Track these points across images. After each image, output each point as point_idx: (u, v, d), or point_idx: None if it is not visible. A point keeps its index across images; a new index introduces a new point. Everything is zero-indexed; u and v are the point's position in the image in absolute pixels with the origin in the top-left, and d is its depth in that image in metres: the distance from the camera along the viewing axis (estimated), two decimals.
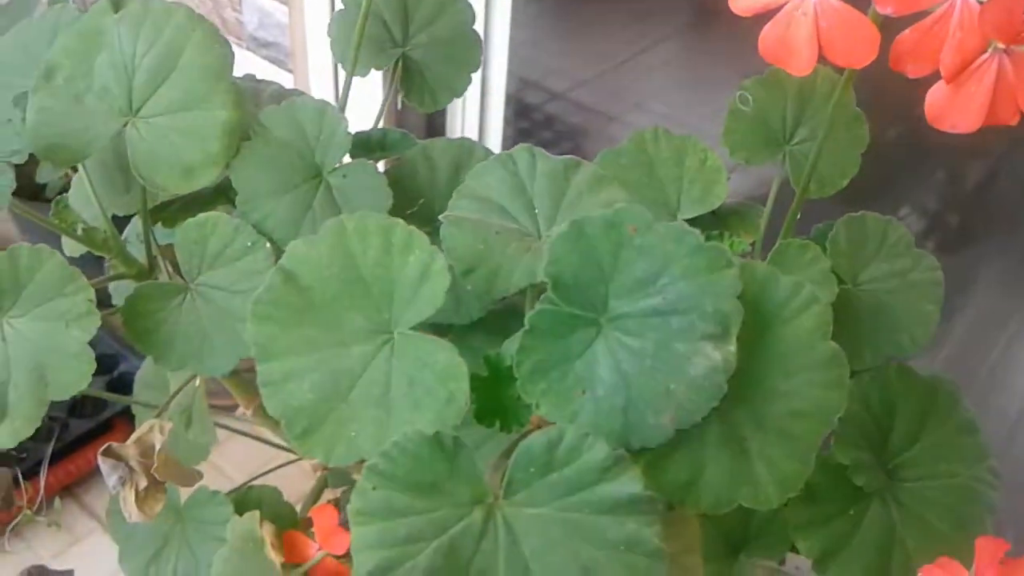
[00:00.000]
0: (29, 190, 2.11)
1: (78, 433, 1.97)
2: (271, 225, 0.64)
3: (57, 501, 1.88)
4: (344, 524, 0.87)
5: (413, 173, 0.69)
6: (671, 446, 0.46)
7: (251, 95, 0.72)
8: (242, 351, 0.63)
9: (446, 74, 0.75)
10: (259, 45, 1.64)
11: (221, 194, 0.75)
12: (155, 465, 0.63)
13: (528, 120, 1.53)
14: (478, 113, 1.47)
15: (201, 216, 0.63)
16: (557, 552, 0.43)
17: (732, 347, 0.45)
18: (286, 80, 1.59)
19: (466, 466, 0.45)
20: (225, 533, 0.89)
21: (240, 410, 0.77)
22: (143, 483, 0.66)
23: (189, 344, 0.63)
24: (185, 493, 0.85)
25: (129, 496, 0.66)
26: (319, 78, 1.53)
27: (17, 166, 2.09)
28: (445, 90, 0.76)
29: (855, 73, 0.53)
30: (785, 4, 0.42)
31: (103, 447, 0.65)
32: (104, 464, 0.65)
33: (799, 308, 0.49)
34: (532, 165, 0.58)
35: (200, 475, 0.73)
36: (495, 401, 0.48)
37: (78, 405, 1.89)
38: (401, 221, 0.49)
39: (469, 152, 0.71)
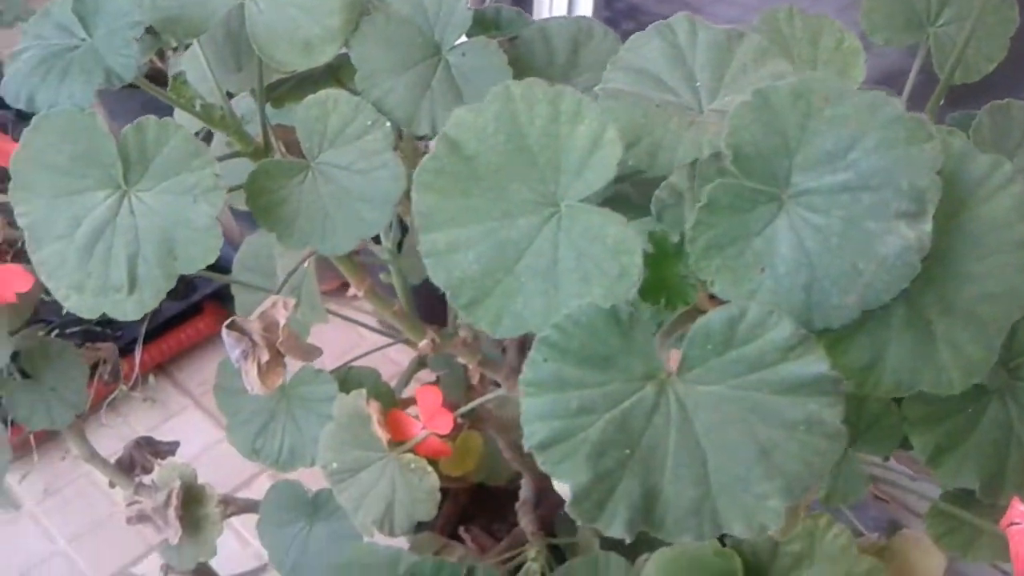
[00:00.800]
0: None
1: (170, 314, 2.04)
2: (390, 103, 0.63)
3: (151, 378, 1.97)
4: (446, 405, 0.88)
5: (530, 52, 0.67)
6: (853, 327, 0.44)
7: None
8: (363, 230, 0.63)
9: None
10: None
11: (332, 74, 0.74)
12: (280, 339, 0.65)
13: (610, 10, 1.48)
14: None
15: (322, 93, 0.62)
16: (731, 430, 0.43)
17: (928, 226, 0.43)
18: None
19: (641, 341, 0.44)
20: (329, 410, 0.92)
21: (351, 291, 0.78)
22: (265, 357, 0.68)
23: (311, 222, 0.63)
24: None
25: (251, 369, 0.68)
26: None
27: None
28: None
29: None
30: None
31: (228, 321, 0.66)
32: (228, 337, 0.66)
33: (997, 187, 0.46)
34: (692, 35, 0.55)
35: (320, 351, 0.74)
36: (660, 278, 0.47)
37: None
38: (570, 88, 0.47)
39: (588, 31, 0.68)
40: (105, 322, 1.94)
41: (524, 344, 1.19)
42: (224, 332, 0.66)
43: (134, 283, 0.60)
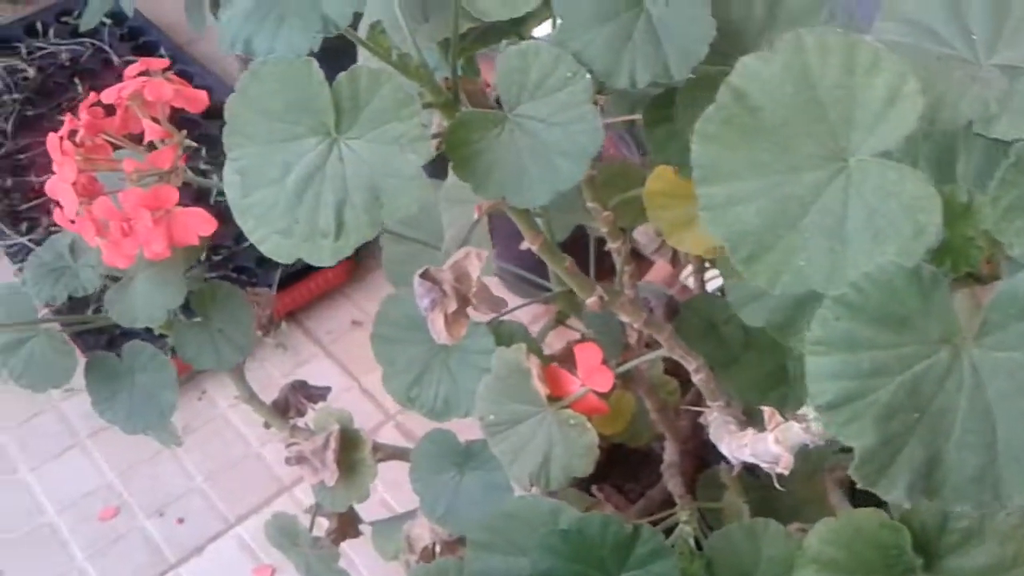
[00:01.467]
0: None
1: (303, 263, 2.09)
2: (590, 55, 0.63)
3: (284, 324, 2.04)
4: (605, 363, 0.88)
5: (725, 5, 0.65)
6: None
7: None
8: (559, 183, 0.63)
9: None
10: None
11: (515, 26, 0.74)
12: (474, 290, 0.65)
13: None
14: None
15: (523, 44, 0.62)
16: None
17: None
18: None
19: (940, 303, 0.43)
20: (485, 362, 0.93)
21: (523, 244, 0.78)
22: (452, 307, 0.69)
23: (507, 174, 0.63)
24: None
25: (438, 319, 0.69)
26: None
27: None
28: None
29: None
30: None
31: (421, 270, 0.68)
32: (420, 286, 0.68)
33: None
34: None
35: (505, 303, 0.75)
36: (945, 240, 0.46)
37: None
38: (867, 39, 0.46)
39: None
40: (239, 268, 2.00)
41: (671, 306, 1.18)
42: (416, 281, 0.67)
43: (340, 229, 0.61)
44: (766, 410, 0.64)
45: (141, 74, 0.88)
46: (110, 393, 1.06)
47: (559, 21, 0.62)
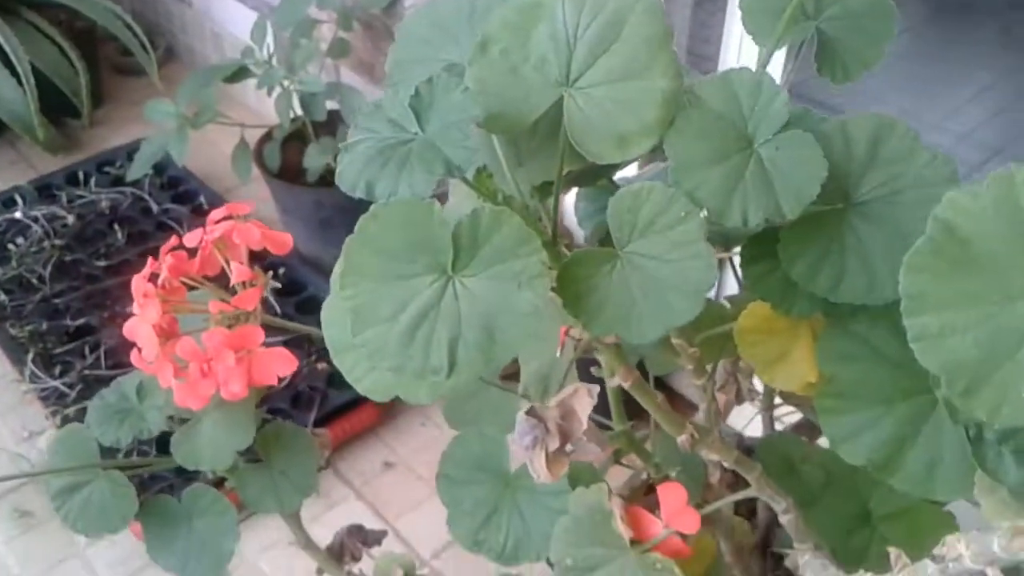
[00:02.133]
0: (292, 173, 2.21)
1: (336, 404, 2.06)
2: (703, 195, 0.63)
3: None
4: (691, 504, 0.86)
5: (828, 147, 0.67)
6: None
7: None
8: (672, 319, 0.62)
9: (859, 47, 0.72)
10: None
11: (608, 169, 0.75)
12: (583, 428, 0.64)
13: None
14: None
15: (636, 184, 0.63)
16: None
17: None
18: None
19: None
20: (556, 503, 0.90)
21: (614, 380, 0.77)
22: (554, 445, 0.67)
23: (618, 310, 0.63)
24: None
25: (539, 457, 0.67)
26: None
27: (283, 151, 2.17)
28: (857, 63, 0.73)
29: None
30: None
31: (527, 407, 0.66)
32: (524, 423, 0.66)
33: None
34: None
35: (607, 441, 0.73)
36: None
37: (334, 378, 1.99)
38: None
39: (889, 127, 0.68)
40: (274, 410, 1.98)
41: (742, 445, 1.16)
42: (520, 418, 0.66)
43: (453, 366, 0.60)
44: (892, 552, 0.61)
45: (226, 218, 0.90)
46: (168, 538, 1.03)
47: (673, 163, 0.63)
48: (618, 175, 0.81)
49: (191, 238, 0.90)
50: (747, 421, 1.17)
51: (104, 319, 2.33)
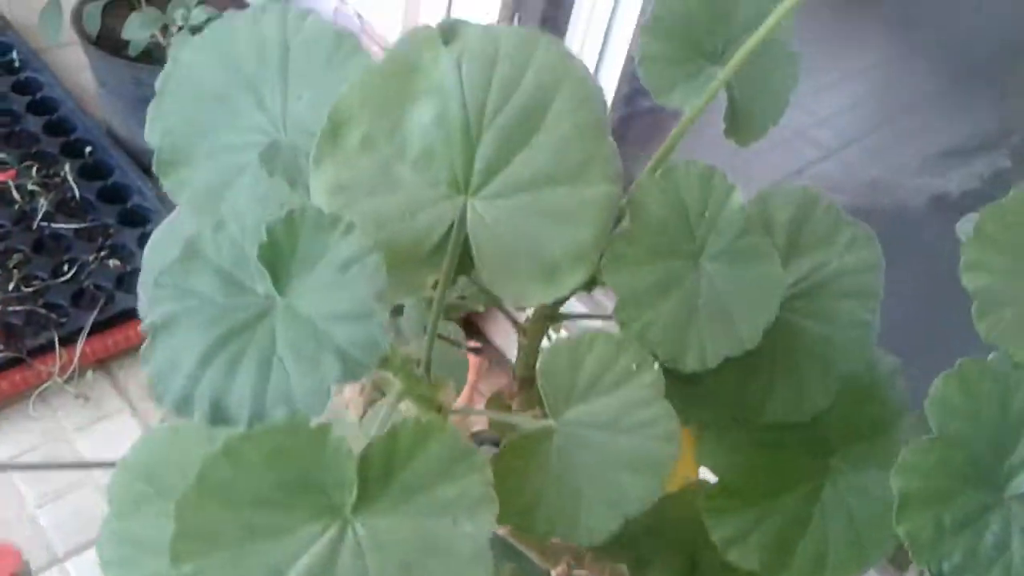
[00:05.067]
0: (111, 43, 1.81)
1: (124, 307, 1.68)
2: (655, 336, 0.46)
3: (90, 373, 1.65)
4: None
5: None
6: None
7: None
8: (626, 507, 0.46)
9: (766, 106, 0.58)
10: None
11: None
12: None
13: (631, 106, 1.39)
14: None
15: (575, 334, 0.45)
16: None
17: None
18: None
19: None
20: None
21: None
22: None
23: (558, 502, 0.45)
24: None
25: None
26: None
27: (103, 19, 1.69)
28: (764, 123, 0.58)
29: None
30: None
31: None
32: None
33: None
34: None
35: None
36: None
37: (126, 278, 1.65)
38: None
39: (812, 205, 0.56)
40: (50, 305, 1.62)
41: None
42: None
43: None
44: None
45: None
46: None
47: (619, 297, 0.46)
48: None
49: None
50: None
51: None
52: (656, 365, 0.46)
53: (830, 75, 1.37)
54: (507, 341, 1.58)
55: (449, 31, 0.43)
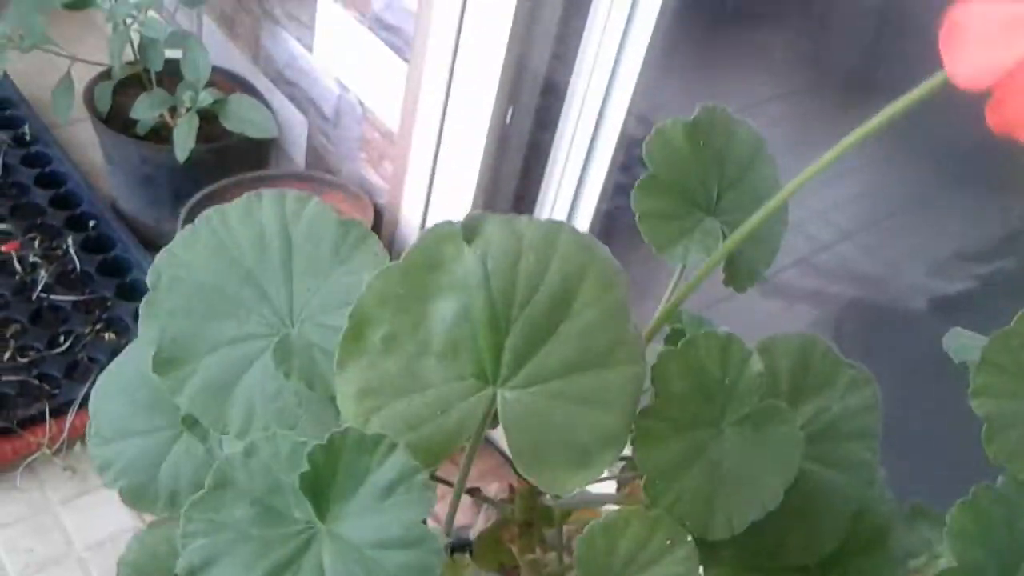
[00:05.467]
0: (121, 121, 1.82)
1: None
2: (684, 509, 0.46)
3: (79, 445, 1.63)
4: None
5: None
6: None
7: None
8: None
9: (759, 256, 0.58)
10: (382, 27, 1.47)
11: None
12: None
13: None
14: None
15: (611, 515, 0.45)
16: None
17: None
18: (400, 68, 1.44)
19: None
20: None
21: None
22: None
23: None
24: None
25: None
26: (433, 75, 1.39)
27: (113, 98, 1.72)
28: (760, 270, 0.58)
29: None
30: None
31: None
32: None
33: None
34: None
35: None
36: None
37: (120, 351, 1.59)
38: None
39: (811, 349, 0.56)
40: (44, 376, 1.62)
41: None
42: None
43: None
44: None
45: None
46: None
47: (645, 473, 0.45)
48: None
49: None
50: None
51: None
52: (689, 537, 0.46)
53: (831, 170, 1.39)
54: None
55: (471, 228, 0.43)
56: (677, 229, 0.54)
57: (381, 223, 1.64)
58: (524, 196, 1.49)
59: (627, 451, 0.47)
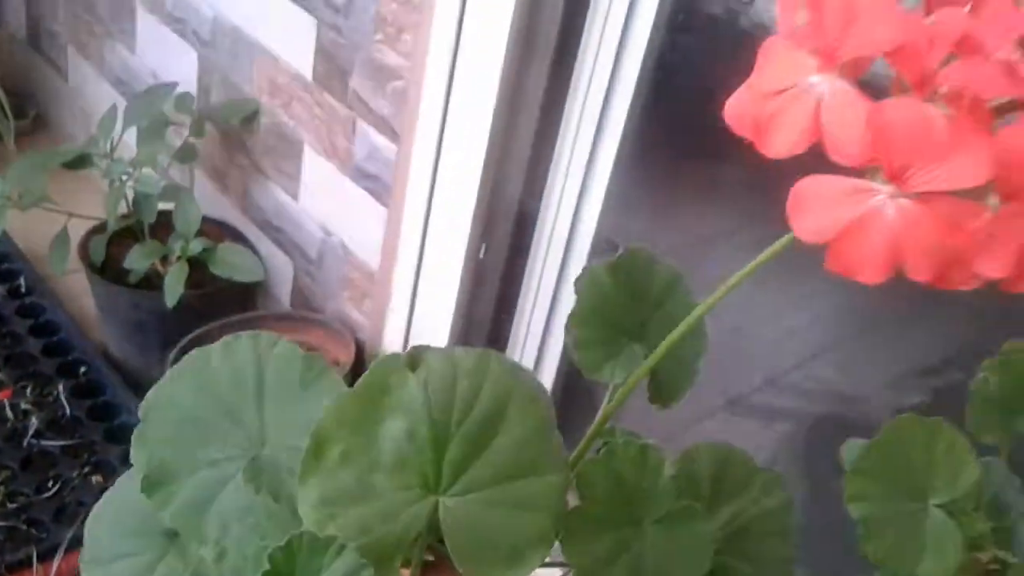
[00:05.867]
0: (114, 270, 1.90)
1: None
2: None
3: None
4: None
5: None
6: None
7: None
8: None
9: (681, 377, 0.65)
10: (362, 175, 1.59)
11: None
12: None
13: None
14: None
15: None
16: None
17: None
18: (379, 213, 1.56)
19: None
20: None
21: None
22: None
23: None
24: None
25: None
26: (411, 218, 1.51)
27: (107, 248, 1.74)
28: (682, 389, 0.66)
29: None
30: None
31: None
32: None
33: None
34: None
35: None
36: None
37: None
38: None
39: (728, 457, 0.63)
40: (32, 521, 1.62)
41: None
42: None
43: None
44: None
45: None
46: None
47: (574, 570, 0.52)
48: None
49: None
50: None
51: None
52: None
53: (801, 289, 1.49)
54: None
55: (414, 358, 0.51)
56: (604, 354, 0.62)
57: (363, 357, 1.71)
58: (499, 325, 1.57)
59: None
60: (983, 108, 0.33)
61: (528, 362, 1.51)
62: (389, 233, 1.56)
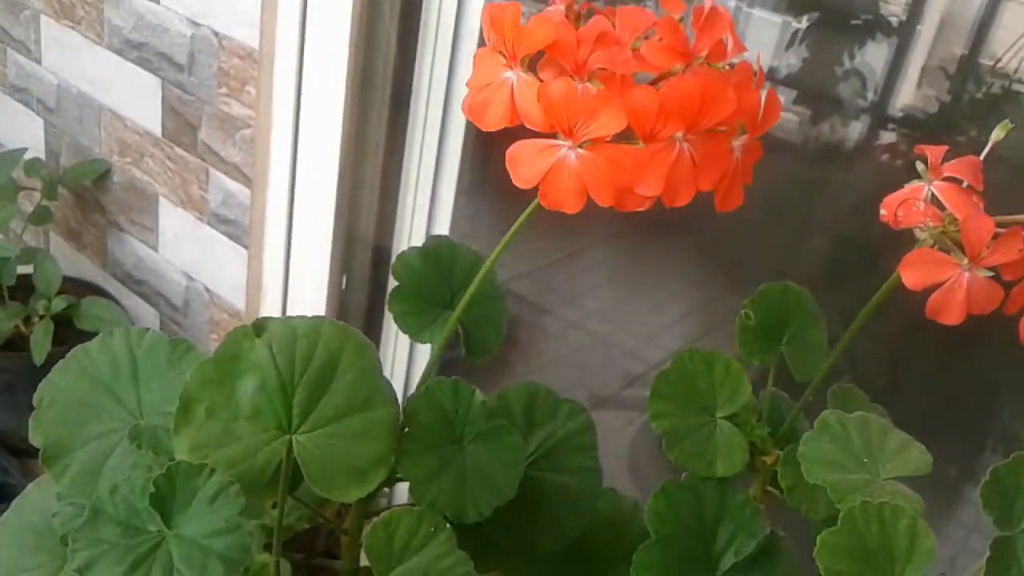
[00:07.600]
0: None
1: None
2: (440, 504, 0.67)
3: None
4: None
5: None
6: None
7: None
8: None
9: (487, 336, 0.80)
10: (219, 221, 1.67)
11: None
12: None
13: None
14: None
15: (385, 514, 0.64)
16: None
17: None
18: (240, 254, 1.65)
19: None
20: None
21: None
22: None
23: None
24: None
25: None
26: (271, 256, 1.60)
27: None
28: (490, 347, 0.80)
29: None
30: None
31: None
32: None
33: None
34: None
35: None
36: None
37: None
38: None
39: (535, 394, 0.79)
40: None
41: None
42: None
43: None
44: None
45: None
46: None
47: (411, 482, 0.66)
48: None
49: None
50: None
51: None
52: (448, 526, 0.66)
53: (657, 295, 1.65)
54: None
55: (259, 326, 0.64)
56: (422, 321, 0.77)
57: None
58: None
59: None
60: (626, 80, 0.49)
61: (400, 370, 1.62)
62: (252, 273, 1.66)
